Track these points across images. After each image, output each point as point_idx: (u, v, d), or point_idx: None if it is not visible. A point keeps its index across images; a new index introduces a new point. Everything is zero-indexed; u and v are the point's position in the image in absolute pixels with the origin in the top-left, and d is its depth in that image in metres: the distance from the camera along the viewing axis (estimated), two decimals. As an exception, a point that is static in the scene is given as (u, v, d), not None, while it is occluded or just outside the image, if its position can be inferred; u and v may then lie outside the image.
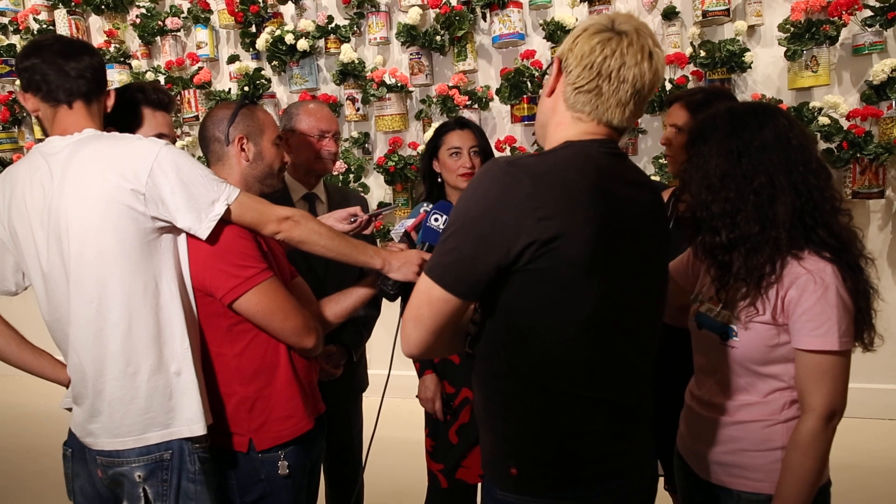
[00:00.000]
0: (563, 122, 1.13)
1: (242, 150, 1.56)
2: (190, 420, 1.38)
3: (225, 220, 1.40)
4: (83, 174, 1.34)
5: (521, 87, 3.65)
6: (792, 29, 3.28)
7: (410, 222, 1.69)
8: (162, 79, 4.39)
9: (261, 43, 4.09)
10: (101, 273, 1.34)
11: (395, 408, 1.65)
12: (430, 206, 1.59)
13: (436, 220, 1.52)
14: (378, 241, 3.99)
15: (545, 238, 1.01)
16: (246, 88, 4.17)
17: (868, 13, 3.23)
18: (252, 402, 1.46)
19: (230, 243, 1.41)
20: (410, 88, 3.97)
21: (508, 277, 1.05)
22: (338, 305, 1.64)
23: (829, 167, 1.30)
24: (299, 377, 1.51)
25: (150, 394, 1.36)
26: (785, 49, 3.31)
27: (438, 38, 3.81)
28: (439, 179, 2.08)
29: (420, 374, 2.07)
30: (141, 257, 1.35)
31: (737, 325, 1.29)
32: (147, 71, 4.43)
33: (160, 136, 1.54)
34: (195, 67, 4.40)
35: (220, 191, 1.38)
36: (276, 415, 1.46)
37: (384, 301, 2.14)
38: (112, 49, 4.51)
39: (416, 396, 2.06)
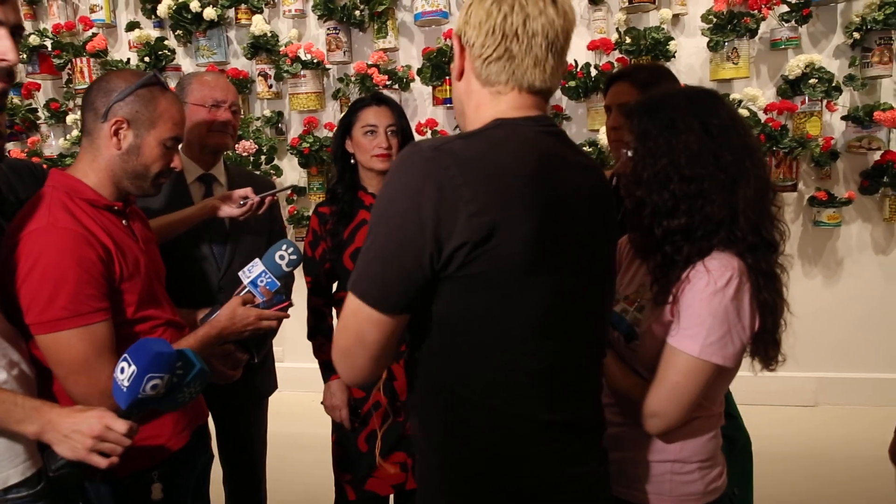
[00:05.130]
0: (482, 101, 0.99)
1: (116, 134, 1.28)
2: None
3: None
4: None
5: (443, 67, 3.50)
6: (714, 20, 3.28)
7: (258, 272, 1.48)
8: (49, 44, 3.95)
9: (163, 10, 3.74)
10: None
11: (310, 402, 1.47)
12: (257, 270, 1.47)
13: (281, 257, 1.45)
14: (292, 227, 3.76)
15: (478, 238, 0.86)
16: (147, 59, 3.81)
17: (784, 9, 3.27)
18: None
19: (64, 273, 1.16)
20: (327, 66, 3.73)
21: (438, 285, 0.90)
22: None
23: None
24: None
25: None
26: (708, 40, 3.30)
27: (358, 12, 3.59)
28: (352, 161, 1.90)
29: (325, 378, 1.88)
30: None
31: (639, 327, 1.19)
32: (31, 34, 3.97)
33: None
34: (88, 33, 3.98)
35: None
36: (139, 436, 1.25)
37: (295, 288, 1.97)
38: (-10, 8, 4.01)
39: (321, 403, 1.87)
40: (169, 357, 1.09)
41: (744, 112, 3.29)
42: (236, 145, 3.67)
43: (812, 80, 3.23)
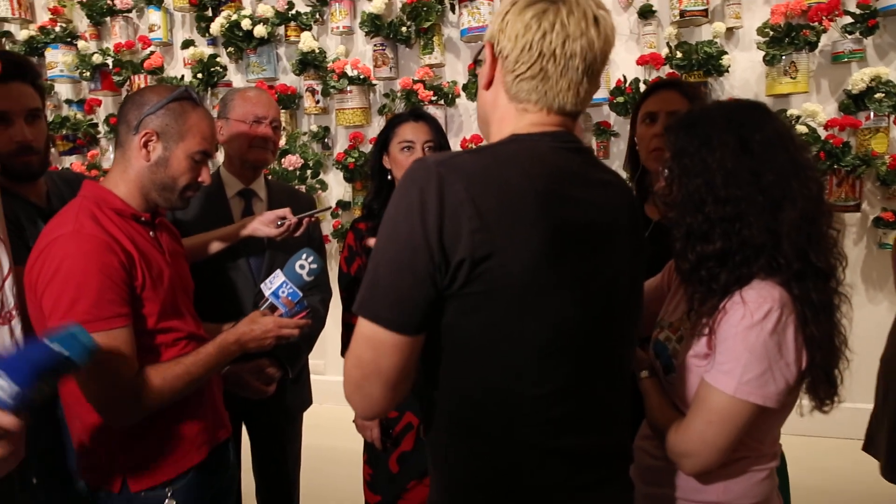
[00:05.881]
0: (506, 116, 0.95)
1: (145, 146, 1.29)
2: None
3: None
4: None
5: (489, 83, 3.46)
6: (771, 33, 3.16)
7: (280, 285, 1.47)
8: (110, 62, 4.11)
9: (216, 27, 3.85)
10: None
11: (349, 416, 1.46)
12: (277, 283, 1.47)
13: (301, 266, 1.45)
14: (337, 241, 3.78)
15: (478, 256, 0.82)
16: (200, 76, 3.92)
17: (848, 20, 3.11)
18: (125, 434, 1.24)
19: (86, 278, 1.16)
20: (373, 81, 3.76)
21: (445, 302, 0.86)
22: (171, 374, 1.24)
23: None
24: (189, 403, 1.30)
25: None
26: (764, 53, 3.18)
27: (404, 29, 3.61)
28: (389, 177, 1.88)
29: None
30: None
31: (676, 360, 1.11)
32: (94, 53, 4.14)
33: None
34: (147, 52, 4.13)
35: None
36: (155, 449, 1.25)
37: (333, 303, 1.96)
38: (58, 28, 4.22)
39: (353, 422, 1.85)
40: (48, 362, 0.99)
41: (802, 129, 3.14)
42: (283, 159, 3.73)
43: (878, 95, 3.05)
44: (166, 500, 1.26)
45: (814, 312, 1.02)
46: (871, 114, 3.11)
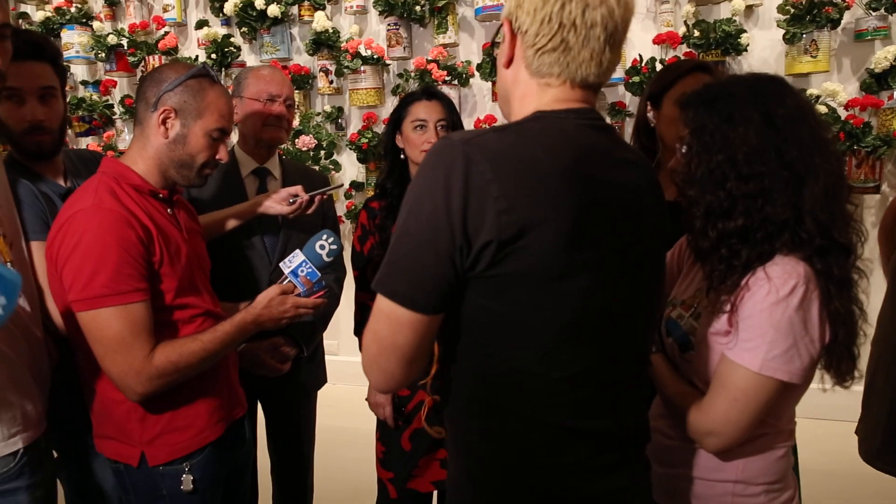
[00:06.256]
0: (528, 92, 0.94)
1: (163, 123, 1.30)
2: None
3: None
4: None
5: (503, 63, 3.43)
6: (792, 10, 3.09)
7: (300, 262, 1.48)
8: (125, 42, 4.12)
9: (229, 7, 3.84)
10: None
11: (361, 396, 1.47)
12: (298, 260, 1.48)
13: (321, 247, 1.46)
14: (350, 222, 3.79)
15: (506, 237, 0.81)
16: (214, 56, 3.93)
17: (873, -4, 3.04)
18: (143, 410, 1.26)
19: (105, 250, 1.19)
20: (387, 61, 3.74)
21: (467, 284, 0.86)
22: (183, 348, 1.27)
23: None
24: (205, 380, 1.31)
25: None
26: (784, 32, 3.11)
27: (418, 8, 3.57)
28: (402, 156, 1.88)
29: None
30: None
31: (694, 337, 1.10)
32: (109, 34, 4.16)
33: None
34: (161, 32, 4.14)
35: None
36: (173, 425, 1.27)
37: (346, 283, 1.97)
38: (73, 9, 4.23)
39: (366, 400, 1.86)
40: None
41: (821, 108, 3.08)
42: (296, 140, 3.73)
43: (901, 74, 2.99)
44: (184, 476, 1.28)
45: (837, 288, 1.01)
46: (894, 93, 3.05)
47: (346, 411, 2.83)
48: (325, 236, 1.48)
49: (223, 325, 1.31)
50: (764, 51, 3.31)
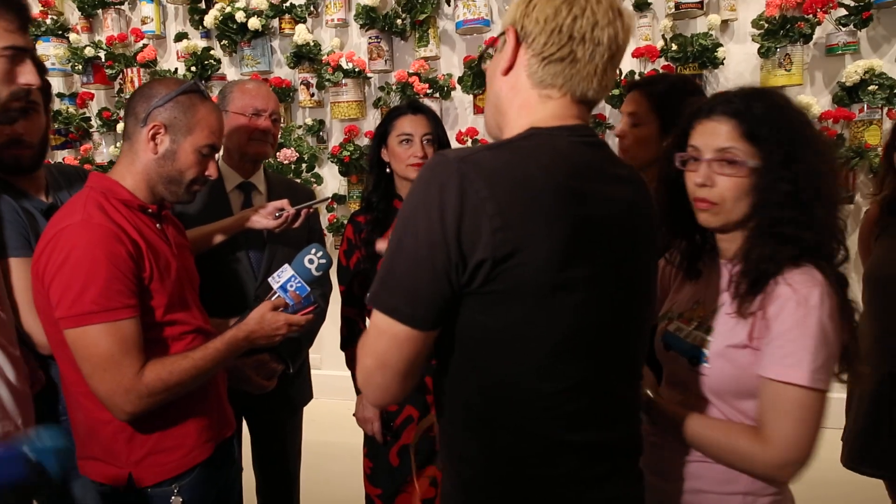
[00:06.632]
0: (528, 102, 0.94)
1: (153, 139, 1.29)
2: None
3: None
4: None
5: (484, 76, 3.45)
6: (766, 25, 3.17)
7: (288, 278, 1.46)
8: (103, 55, 4.08)
9: (209, 20, 3.82)
10: None
11: (345, 411, 1.45)
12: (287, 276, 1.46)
13: (310, 261, 1.45)
14: (331, 235, 3.78)
15: (501, 255, 0.82)
16: (193, 69, 3.90)
17: (843, 12, 3.13)
18: (132, 430, 1.24)
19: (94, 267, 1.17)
20: (368, 74, 3.75)
21: (462, 299, 0.87)
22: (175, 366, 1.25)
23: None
24: (194, 398, 1.30)
25: None
26: (759, 46, 3.19)
27: (399, 21, 3.59)
28: (388, 170, 1.88)
29: (358, 391, 1.86)
30: None
31: (708, 349, 1.11)
32: (86, 46, 4.11)
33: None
34: (139, 44, 4.09)
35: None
36: (161, 445, 1.25)
37: (332, 298, 1.96)
38: (49, 21, 4.17)
39: (353, 415, 1.85)
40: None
41: (797, 120, 3.16)
42: (277, 153, 3.71)
43: (872, 87, 3.08)
44: (173, 497, 1.26)
45: (843, 291, 1.05)
46: (865, 106, 3.13)
47: (329, 425, 2.81)
48: (313, 250, 1.47)
49: (214, 342, 1.30)
50: (739, 64, 3.38)
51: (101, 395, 1.19)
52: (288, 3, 3.78)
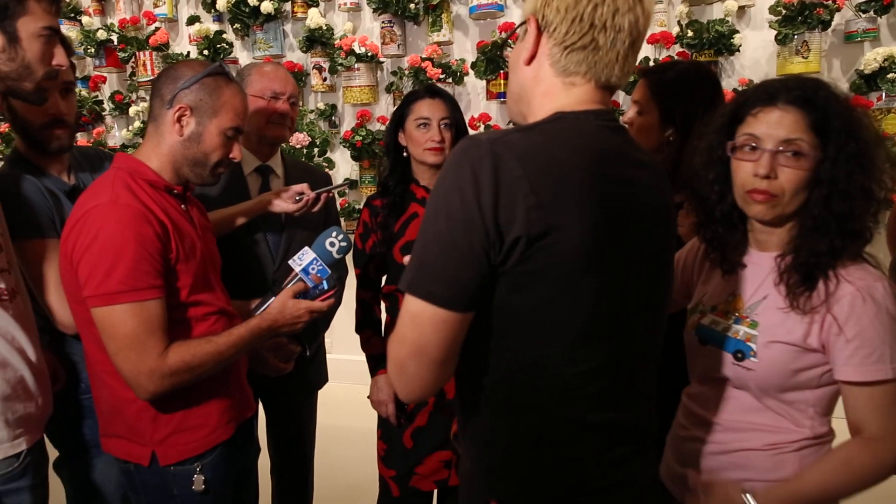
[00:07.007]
0: (551, 90, 0.95)
1: (179, 121, 1.30)
2: None
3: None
4: None
5: (498, 61, 3.44)
6: (784, 11, 3.13)
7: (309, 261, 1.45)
8: (115, 38, 4.08)
9: (222, 4, 3.81)
10: None
11: (357, 395, 1.47)
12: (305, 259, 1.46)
13: (331, 244, 1.45)
14: (343, 220, 3.78)
15: (535, 233, 0.83)
16: (206, 53, 3.89)
17: (862, -2, 3.09)
18: (155, 409, 1.26)
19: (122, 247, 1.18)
20: (381, 59, 3.73)
21: (497, 279, 0.87)
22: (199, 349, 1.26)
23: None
24: (217, 380, 1.31)
25: None
26: (776, 32, 3.15)
27: (412, 5, 3.57)
28: (405, 154, 1.88)
29: (373, 372, 1.87)
30: None
31: (756, 344, 1.11)
32: (99, 29, 4.11)
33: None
34: (152, 28, 4.09)
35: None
36: (185, 424, 1.26)
37: (347, 283, 1.97)
38: (62, 4, 4.16)
39: (368, 398, 1.86)
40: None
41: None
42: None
43: (890, 75, 3.04)
44: (195, 476, 1.27)
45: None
46: (883, 94, 3.10)
47: (341, 409, 2.83)
48: (334, 233, 1.47)
49: (238, 328, 1.31)
50: (756, 51, 3.35)
51: (124, 374, 1.20)
52: (301, -13, 3.76)
